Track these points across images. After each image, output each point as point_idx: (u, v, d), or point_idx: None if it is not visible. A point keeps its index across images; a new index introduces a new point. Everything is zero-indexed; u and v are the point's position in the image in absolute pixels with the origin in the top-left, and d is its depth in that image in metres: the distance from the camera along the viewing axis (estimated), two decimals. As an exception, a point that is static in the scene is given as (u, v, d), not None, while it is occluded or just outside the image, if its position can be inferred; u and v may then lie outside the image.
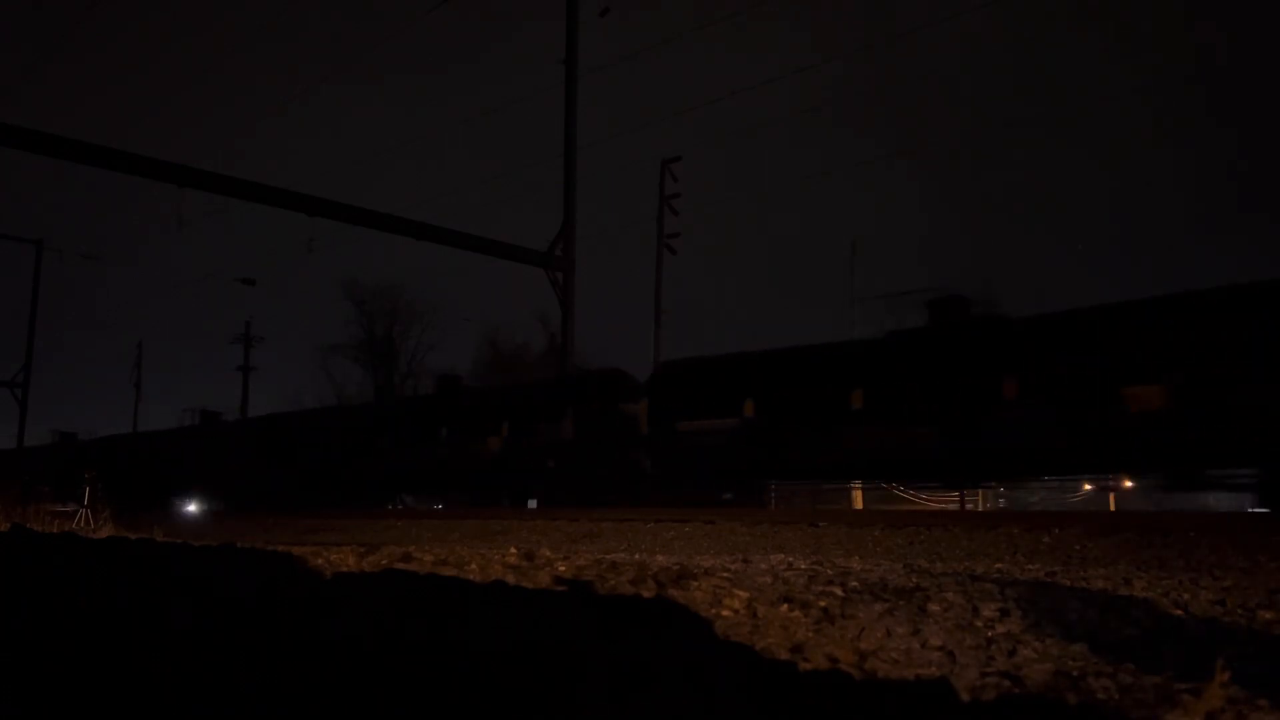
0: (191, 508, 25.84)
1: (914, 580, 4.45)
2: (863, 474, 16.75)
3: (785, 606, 3.55)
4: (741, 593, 3.72)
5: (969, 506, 20.25)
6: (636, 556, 7.17)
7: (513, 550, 5.53)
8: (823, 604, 3.65)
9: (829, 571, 5.01)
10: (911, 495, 21.23)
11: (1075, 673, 2.65)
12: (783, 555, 7.20)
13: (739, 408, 15.92)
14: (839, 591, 4.01)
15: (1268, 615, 3.52)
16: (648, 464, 17.52)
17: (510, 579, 4.01)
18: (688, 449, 16.57)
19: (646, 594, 3.68)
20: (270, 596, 3.45)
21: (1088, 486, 22.59)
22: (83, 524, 14.32)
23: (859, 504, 20.95)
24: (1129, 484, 19.14)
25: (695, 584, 3.88)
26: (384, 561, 4.78)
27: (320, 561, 4.75)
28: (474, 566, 4.51)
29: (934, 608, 3.63)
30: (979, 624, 3.38)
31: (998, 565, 6.00)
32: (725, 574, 4.48)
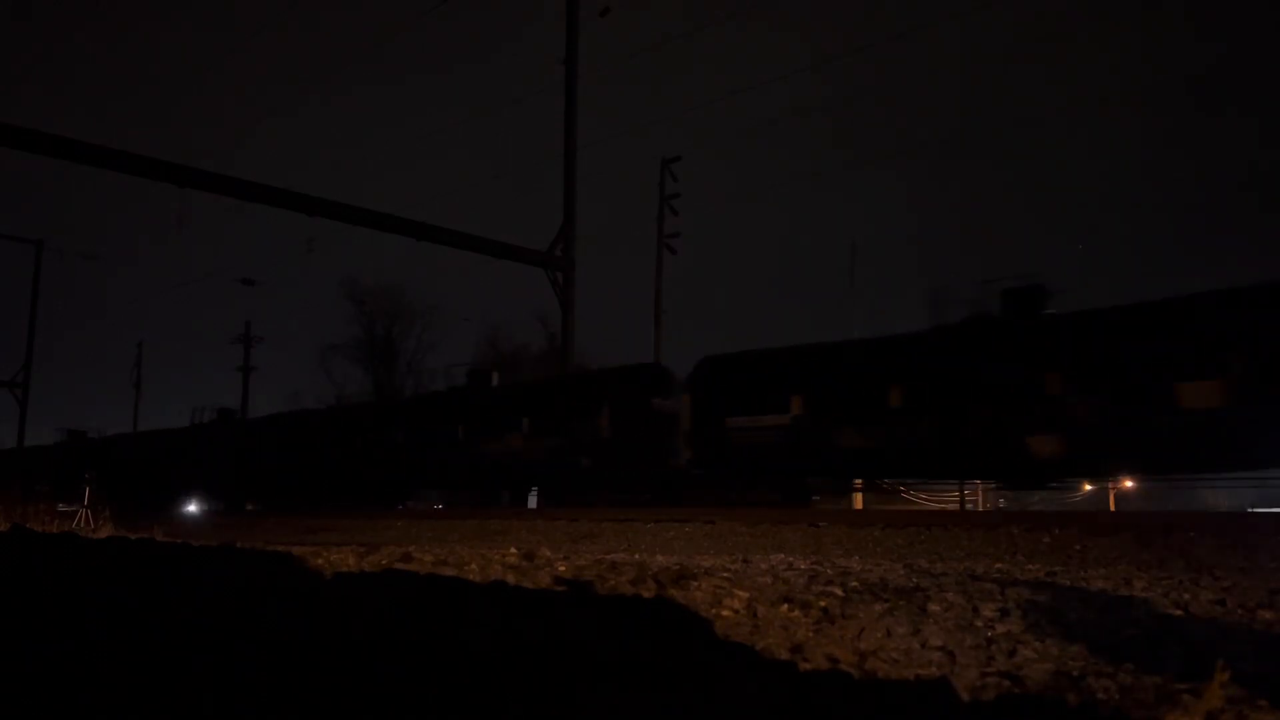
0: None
1: (914, 580, 4.45)
2: (467, 481, 22.76)
3: (785, 606, 3.54)
4: (741, 593, 3.72)
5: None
6: (636, 556, 7.17)
7: (513, 550, 5.54)
8: (823, 604, 3.65)
9: (829, 571, 5.02)
10: (911, 495, 21.72)
11: (1075, 673, 2.65)
12: (783, 555, 7.20)
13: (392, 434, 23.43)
14: (839, 591, 4.00)
15: (1268, 615, 3.52)
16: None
17: (510, 579, 4.01)
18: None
19: (646, 594, 3.68)
20: (271, 597, 3.45)
21: (1087, 486, 22.66)
22: (83, 524, 14.32)
23: (859, 504, 20.98)
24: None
25: (695, 584, 3.88)
26: (384, 562, 4.78)
27: (320, 561, 4.75)
28: (474, 567, 4.51)
29: (934, 608, 3.63)
30: (979, 624, 3.38)
31: (998, 565, 6.00)
32: (725, 574, 4.48)
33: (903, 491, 22.07)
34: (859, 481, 18.03)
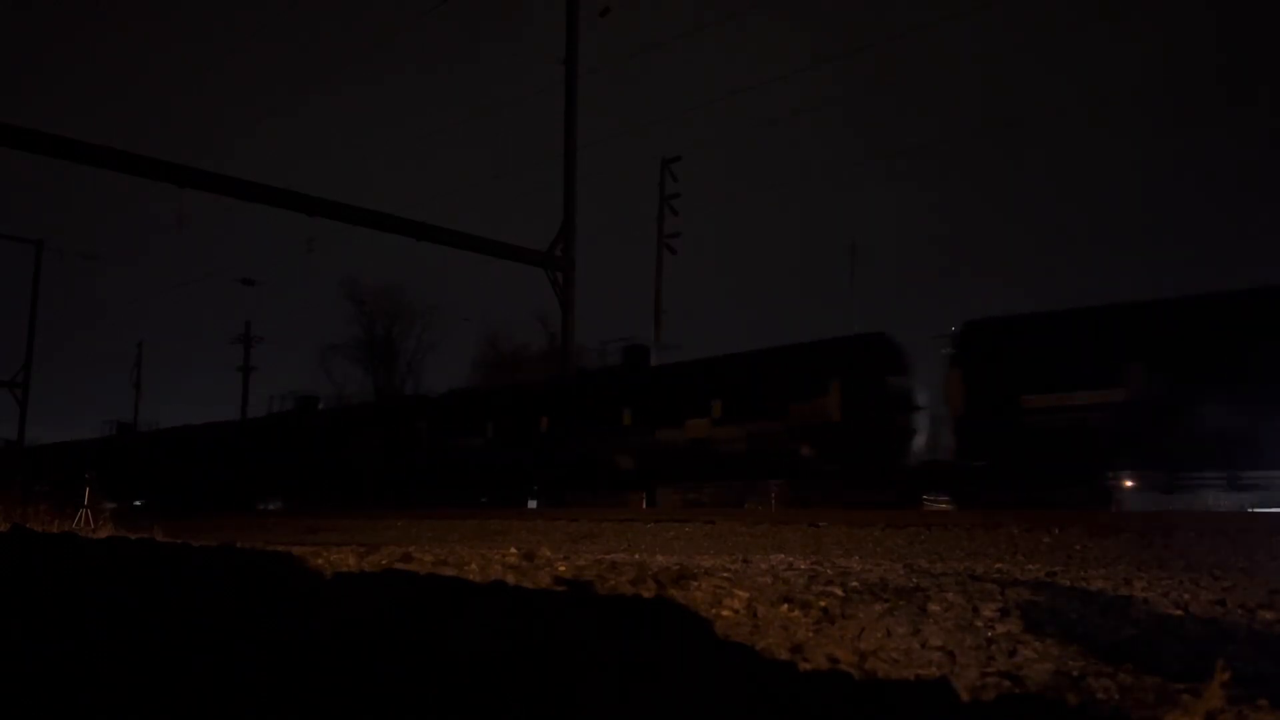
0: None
1: (914, 580, 4.45)
2: (637, 477, 20.53)
3: (785, 606, 3.55)
4: (741, 593, 3.72)
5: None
6: (636, 556, 7.17)
7: (513, 550, 5.53)
8: (823, 604, 3.65)
9: (829, 571, 5.02)
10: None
11: (1075, 673, 2.65)
12: (783, 555, 7.20)
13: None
14: (839, 591, 4.01)
15: (1268, 615, 3.52)
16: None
17: (510, 579, 4.01)
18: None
19: (646, 594, 3.68)
20: (271, 597, 3.45)
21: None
22: (83, 524, 14.32)
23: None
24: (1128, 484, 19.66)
25: (695, 584, 3.88)
26: (384, 561, 4.78)
27: (320, 561, 4.75)
28: (474, 566, 4.51)
29: (934, 608, 3.63)
30: (979, 624, 3.38)
31: (998, 565, 6.00)
32: (725, 574, 4.48)
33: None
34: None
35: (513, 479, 19.64)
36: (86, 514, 15.21)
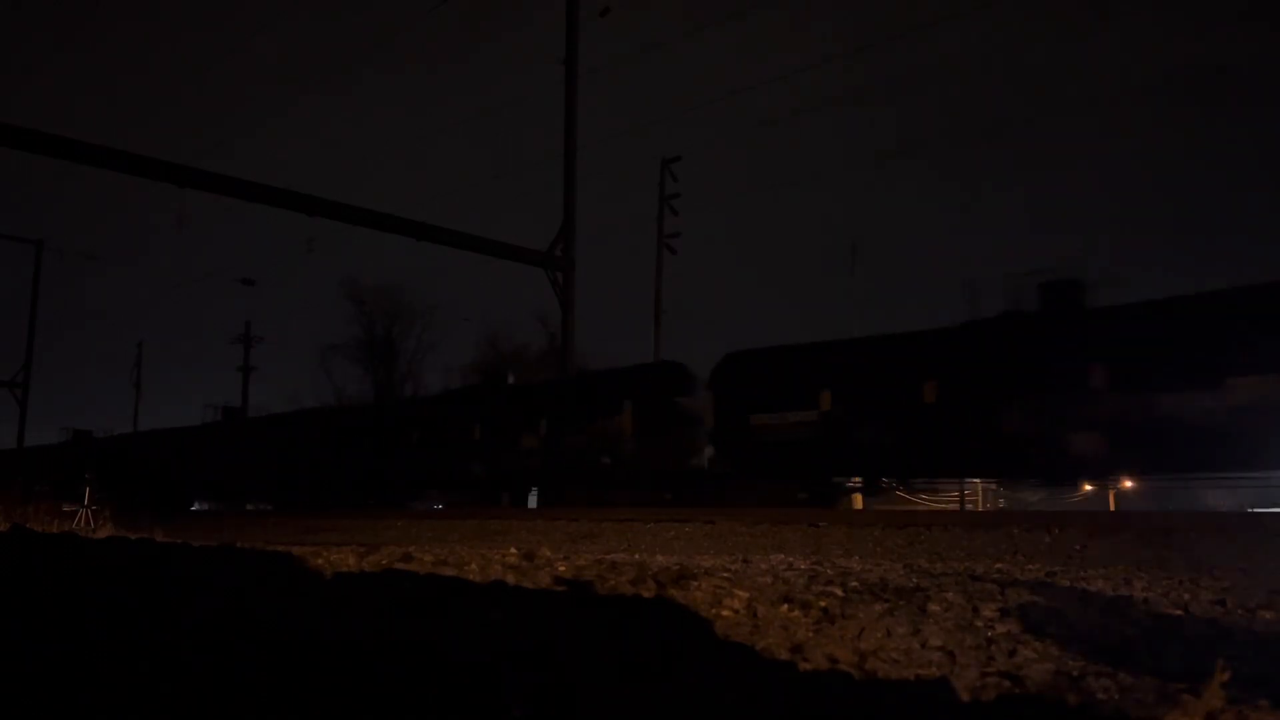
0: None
1: (914, 580, 4.45)
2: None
3: (785, 606, 3.54)
4: (741, 593, 3.72)
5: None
6: (636, 556, 7.17)
7: (513, 550, 5.53)
8: (823, 604, 3.65)
9: (829, 571, 5.02)
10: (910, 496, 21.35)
11: (1075, 673, 2.65)
12: (783, 555, 7.20)
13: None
14: (839, 591, 4.00)
15: (1268, 615, 3.52)
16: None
17: (510, 579, 4.01)
18: None
19: (646, 594, 3.68)
20: (271, 597, 3.45)
21: (1087, 487, 22.33)
22: (83, 524, 14.33)
23: (859, 504, 20.91)
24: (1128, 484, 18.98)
25: (695, 584, 3.88)
26: (384, 561, 4.78)
27: (320, 561, 4.74)
28: (474, 566, 4.51)
29: (934, 608, 3.63)
30: (979, 624, 3.38)
31: (998, 565, 6.00)
32: (725, 574, 4.48)
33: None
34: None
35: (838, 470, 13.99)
36: (86, 514, 15.21)
